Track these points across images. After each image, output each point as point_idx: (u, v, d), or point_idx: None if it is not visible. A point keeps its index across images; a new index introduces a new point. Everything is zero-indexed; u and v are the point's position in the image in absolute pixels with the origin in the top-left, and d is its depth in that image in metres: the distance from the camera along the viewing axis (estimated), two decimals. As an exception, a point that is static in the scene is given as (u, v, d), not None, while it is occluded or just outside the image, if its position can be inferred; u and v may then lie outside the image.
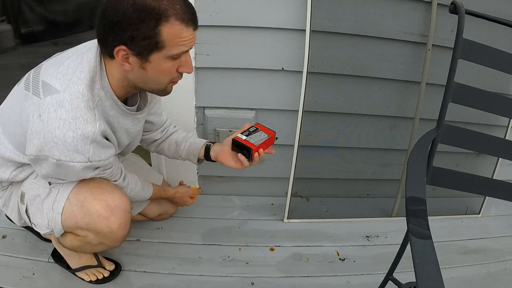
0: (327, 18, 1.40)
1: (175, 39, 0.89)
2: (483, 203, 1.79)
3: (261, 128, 1.25)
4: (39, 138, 0.91)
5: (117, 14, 0.84)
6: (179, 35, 0.89)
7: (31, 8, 3.32)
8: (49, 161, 0.93)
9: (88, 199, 1.06)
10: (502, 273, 1.47)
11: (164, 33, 0.87)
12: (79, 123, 0.90)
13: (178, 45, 0.90)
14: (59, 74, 0.93)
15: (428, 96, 1.53)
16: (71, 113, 0.89)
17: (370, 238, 1.60)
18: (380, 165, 1.75)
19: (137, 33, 0.86)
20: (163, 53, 0.90)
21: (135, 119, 1.10)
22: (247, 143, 1.19)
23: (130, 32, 0.86)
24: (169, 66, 0.94)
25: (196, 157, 1.35)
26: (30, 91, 0.95)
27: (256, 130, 1.24)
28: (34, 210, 1.11)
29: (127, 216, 1.11)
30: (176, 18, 0.86)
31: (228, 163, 1.25)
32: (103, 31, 0.88)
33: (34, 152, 0.93)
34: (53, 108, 0.90)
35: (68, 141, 0.90)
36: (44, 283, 1.27)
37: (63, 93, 0.90)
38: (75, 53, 0.98)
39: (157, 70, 0.94)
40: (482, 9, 1.04)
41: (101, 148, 0.97)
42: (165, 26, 0.86)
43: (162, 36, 0.87)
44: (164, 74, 0.96)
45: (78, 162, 0.94)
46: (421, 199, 0.85)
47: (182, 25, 0.88)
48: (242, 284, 1.34)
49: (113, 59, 0.92)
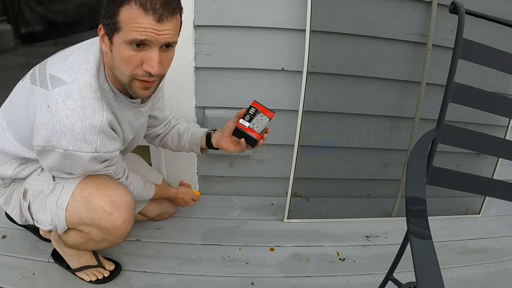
0: (327, 18, 1.40)
1: (129, 23, 0.86)
2: (483, 203, 1.79)
3: (260, 108, 1.21)
4: (47, 128, 0.92)
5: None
6: (134, 20, 0.86)
7: (31, 8, 3.32)
8: (56, 151, 0.94)
9: (92, 194, 1.07)
10: (502, 273, 1.47)
11: (122, 14, 0.86)
12: (87, 113, 0.91)
13: (132, 31, 0.86)
14: (66, 67, 0.94)
15: (428, 96, 1.53)
16: (79, 103, 0.91)
17: (370, 238, 1.60)
18: (380, 165, 1.75)
19: (106, 10, 0.89)
20: (121, 36, 0.88)
21: (137, 112, 1.11)
22: (251, 132, 1.17)
23: (104, 10, 0.89)
24: (129, 55, 0.90)
25: (199, 146, 1.36)
26: (38, 85, 0.96)
27: (256, 112, 1.20)
28: (37, 207, 1.11)
29: (131, 212, 1.12)
30: (136, 2, 0.85)
31: (229, 147, 1.26)
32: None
33: (42, 143, 0.94)
34: (61, 99, 0.91)
35: (76, 130, 0.91)
36: (44, 283, 1.27)
37: (71, 84, 0.92)
38: (80, 48, 0.99)
39: (119, 56, 0.91)
40: (482, 9, 1.04)
41: (108, 139, 0.98)
42: (124, 7, 0.86)
43: (119, 17, 0.87)
44: (125, 62, 0.91)
45: (86, 152, 0.94)
46: (421, 199, 0.85)
47: (139, 10, 0.85)
48: (242, 284, 1.34)
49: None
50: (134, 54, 0.90)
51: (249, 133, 1.17)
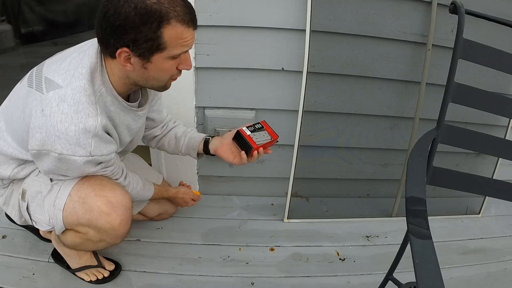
0: (327, 18, 1.40)
1: (176, 40, 0.91)
2: (483, 203, 1.79)
3: (266, 127, 1.26)
4: (41, 132, 0.92)
5: (119, 18, 0.85)
6: (180, 36, 0.90)
7: (31, 8, 3.32)
8: (51, 155, 0.94)
9: (89, 195, 1.07)
10: (502, 273, 1.47)
11: (166, 35, 0.89)
12: (81, 117, 0.91)
13: (179, 46, 0.92)
14: (62, 70, 0.94)
15: (428, 96, 1.53)
16: (73, 107, 0.91)
17: (370, 238, 1.60)
18: (380, 165, 1.75)
19: (139, 36, 0.87)
20: (165, 54, 0.92)
21: (136, 115, 1.11)
22: (249, 140, 1.19)
23: (133, 35, 0.87)
24: (170, 65, 0.96)
25: (196, 151, 1.36)
26: (33, 87, 0.96)
27: (261, 128, 1.24)
28: (35, 207, 1.11)
29: (128, 213, 1.12)
30: (177, 20, 0.88)
31: (227, 157, 1.27)
32: (104, 33, 0.89)
33: (36, 147, 0.94)
34: (55, 103, 0.91)
35: (70, 134, 0.91)
36: (44, 283, 1.27)
37: (65, 88, 0.92)
38: (77, 51, 0.99)
39: (158, 69, 0.96)
40: (482, 9, 1.04)
41: (103, 142, 0.98)
42: (166, 28, 0.88)
43: (164, 38, 0.89)
44: (164, 72, 0.98)
45: (80, 156, 0.94)
46: (421, 199, 0.86)
47: (183, 26, 0.89)
48: (242, 284, 1.34)
49: (114, 58, 0.93)
50: (173, 62, 0.96)
51: (247, 139, 1.19)
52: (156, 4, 0.85)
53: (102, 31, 0.89)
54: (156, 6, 0.85)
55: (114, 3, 0.85)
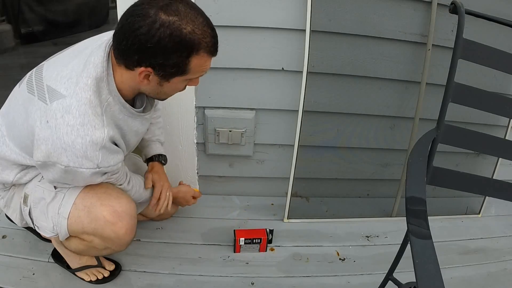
0: (327, 18, 1.40)
1: (198, 67, 0.93)
2: (483, 203, 1.79)
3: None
4: (47, 144, 0.91)
5: (151, 40, 0.84)
6: (204, 64, 0.94)
7: (31, 8, 3.33)
8: (57, 167, 0.93)
9: (95, 204, 1.06)
10: (502, 273, 1.47)
11: (193, 63, 0.91)
12: (87, 130, 0.90)
13: (199, 72, 0.96)
14: (64, 78, 0.92)
15: (428, 96, 1.53)
16: (78, 119, 0.89)
17: (370, 238, 1.60)
18: (380, 165, 1.75)
19: (168, 62, 0.88)
20: (185, 77, 0.95)
21: (143, 119, 1.11)
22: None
23: (161, 60, 0.88)
24: (183, 85, 1.01)
25: (145, 158, 1.41)
26: (35, 96, 0.95)
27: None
28: (38, 213, 1.10)
29: (134, 221, 1.12)
30: (205, 51, 0.90)
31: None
32: (129, 48, 0.87)
33: (42, 158, 0.93)
34: (60, 114, 0.89)
35: (77, 147, 0.90)
36: (44, 283, 1.27)
37: (69, 98, 0.90)
38: (78, 55, 0.96)
39: (172, 88, 0.99)
40: (482, 9, 1.04)
41: (110, 154, 0.97)
42: (195, 57, 0.90)
43: (189, 66, 0.91)
44: (176, 90, 1.02)
45: (87, 168, 0.93)
46: (421, 199, 0.86)
47: (208, 56, 0.93)
48: (242, 284, 1.34)
49: (129, 70, 0.92)
50: (186, 82, 1.00)
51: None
52: (190, 34, 0.86)
53: (127, 44, 0.87)
54: (190, 35, 0.86)
55: (149, 23, 0.83)
